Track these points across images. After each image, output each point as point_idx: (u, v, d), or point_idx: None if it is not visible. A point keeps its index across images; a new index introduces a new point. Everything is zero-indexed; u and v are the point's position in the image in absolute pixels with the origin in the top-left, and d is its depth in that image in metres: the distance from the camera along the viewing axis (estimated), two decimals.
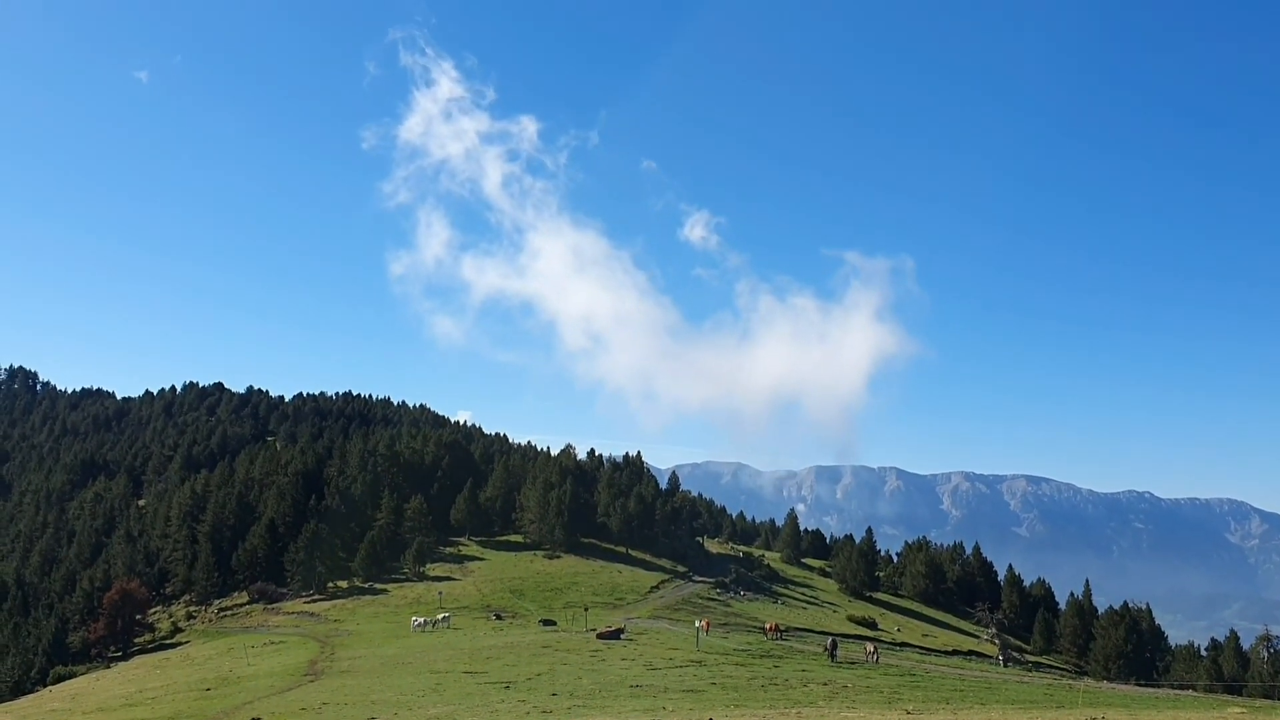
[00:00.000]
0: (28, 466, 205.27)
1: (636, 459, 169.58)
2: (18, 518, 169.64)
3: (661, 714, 35.28)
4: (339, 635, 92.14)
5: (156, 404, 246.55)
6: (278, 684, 59.17)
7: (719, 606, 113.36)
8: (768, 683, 50.81)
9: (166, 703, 56.25)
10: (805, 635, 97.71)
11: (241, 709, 47.51)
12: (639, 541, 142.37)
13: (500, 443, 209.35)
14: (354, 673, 62.37)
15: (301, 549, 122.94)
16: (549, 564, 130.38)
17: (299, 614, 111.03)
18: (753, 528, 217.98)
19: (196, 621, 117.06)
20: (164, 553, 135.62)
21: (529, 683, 50.86)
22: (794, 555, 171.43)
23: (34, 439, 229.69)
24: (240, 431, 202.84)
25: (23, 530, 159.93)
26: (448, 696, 46.65)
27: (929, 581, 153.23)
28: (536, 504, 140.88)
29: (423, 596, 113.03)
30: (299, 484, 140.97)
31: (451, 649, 71.08)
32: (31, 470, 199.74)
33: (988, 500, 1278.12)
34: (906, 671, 66.66)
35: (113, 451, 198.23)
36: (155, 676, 77.53)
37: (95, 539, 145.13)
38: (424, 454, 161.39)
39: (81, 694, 75.12)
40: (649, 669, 56.84)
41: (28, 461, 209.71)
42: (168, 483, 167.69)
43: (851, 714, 32.04)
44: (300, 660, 73.13)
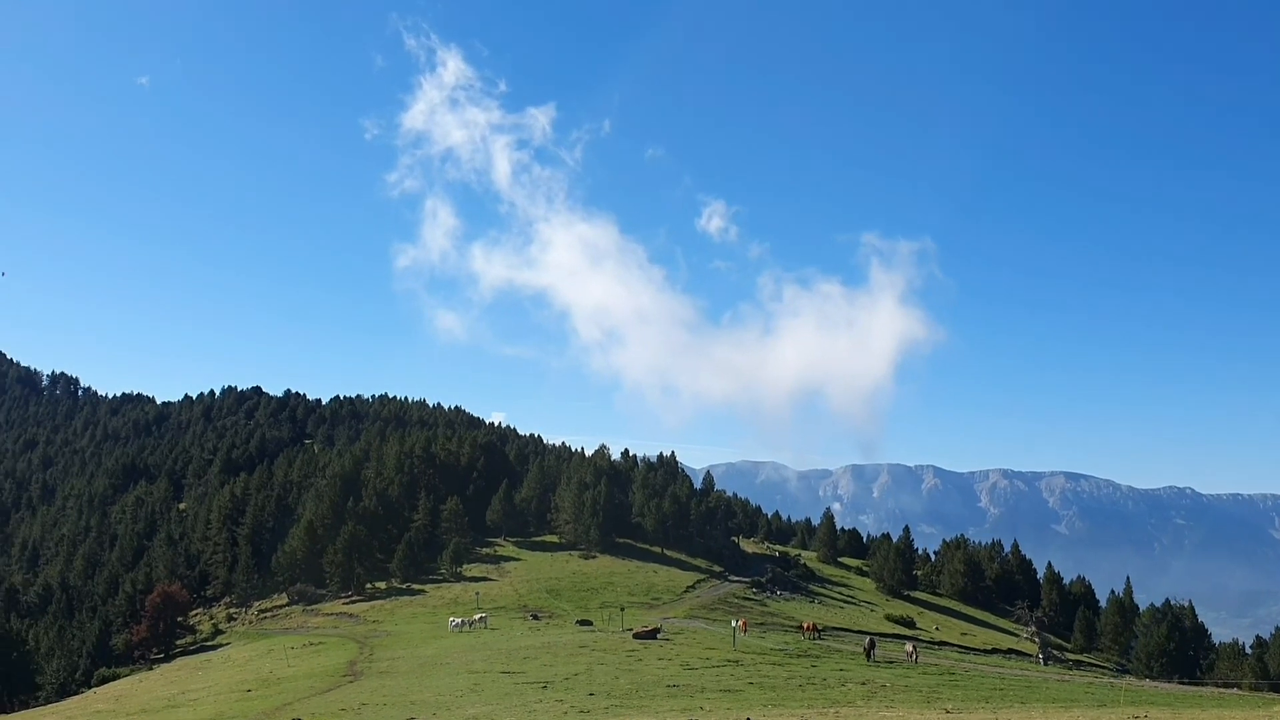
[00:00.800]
0: (70, 471, 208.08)
1: (670, 459, 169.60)
2: (61, 522, 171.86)
3: (699, 714, 35.26)
4: (377, 636, 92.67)
5: (196, 408, 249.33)
6: (318, 685, 59.61)
7: (755, 606, 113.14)
8: (805, 682, 50.64)
9: (208, 704, 56.81)
10: (842, 634, 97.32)
11: (282, 710, 47.90)
12: (674, 541, 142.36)
13: (534, 444, 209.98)
14: (393, 673, 62.71)
15: (340, 550, 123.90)
16: (585, 564, 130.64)
17: (338, 615, 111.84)
18: (788, 527, 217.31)
19: (237, 623, 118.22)
20: (204, 555, 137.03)
21: (566, 682, 50.96)
22: (830, 554, 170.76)
23: (76, 444, 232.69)
24: (278, 434, 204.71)
25: (66, 534, 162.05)
26: (486, 696, 46.84)
27: (967, 580, 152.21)
28: (571, 504, 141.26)
29: (460, 597, 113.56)
30: (337, 486, 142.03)
31: (489, 649, 71.33)
32: (74, 475, 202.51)
33: (1026, 498, 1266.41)
34: (945, 670, 66.19)
35: (153, 456, 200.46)
36: (197, 678, 78.31)
37: (137, 542, 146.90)
38: (459, 455, 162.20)
39: (125, 695, 76.02)
40: (686, 669, 56.80)
41: (70, 466, 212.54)
42: (208, 486, 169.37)
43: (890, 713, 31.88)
44: (339, 661, 73.63)
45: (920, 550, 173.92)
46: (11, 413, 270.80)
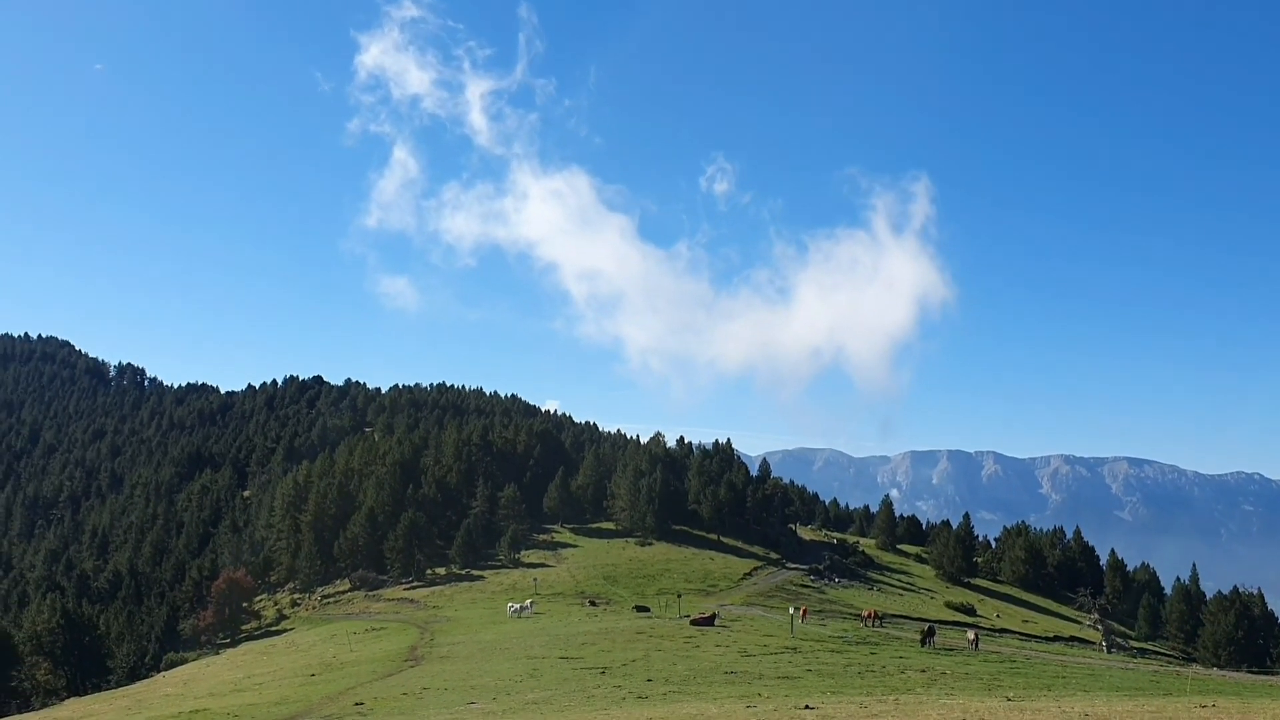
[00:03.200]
0: (138, 460, 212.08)
1: (726, 446, 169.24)
2: (129, 510, 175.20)
3: (756, 700, 35.21)
4: (438, 621, 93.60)
5: (259, 397, 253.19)
6: (379, 669, 60.38)
7: (813, 593, 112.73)
8: (864, 670, 50.37)
9: (273, 688, 57.75)
10: (902, 622, 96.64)
11: (345, 694, 48.57)
12: (730, 529, 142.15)
13: (590, 431, 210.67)
14: (453, 658, 63.33)
15: (400, 537, 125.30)
16: (641, 551, 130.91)
17: (399, 600, 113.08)
18: (846, 514, 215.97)
19: (300, 609, 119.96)
20: (268, 542, 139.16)
21: (624, 668, 51.13)
22: (889, 541, 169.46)
23: (143, 433, 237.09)
24: (339, 423, 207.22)
25: (134, 522, 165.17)
26: (545, 681, 47.15)
27: (1028, 567, 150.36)
28: (627, 492, 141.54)
29: (518, 583, 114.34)
30: (397, 474, 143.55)
31: (547, 635, 71.78)
32: (141, 464, 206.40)
33: (1088, 483, 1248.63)
34: (1006, 658, 65.51)
35: (218, 444, 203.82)
36: (262, 663, 79.63)
37: (203, 530, 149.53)
38: (516, 443, 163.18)
39: (193, 679, 77.51)
40: (743, 655, 56.75)
41: (137, 455, 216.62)
42: (271, 474, 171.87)
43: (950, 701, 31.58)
44: (401, 646, 74.50)
45: (980, 537, 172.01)
46: (80, 403, 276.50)
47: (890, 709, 28.30)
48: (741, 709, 30.83)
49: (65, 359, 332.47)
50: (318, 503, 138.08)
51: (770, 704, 32.79)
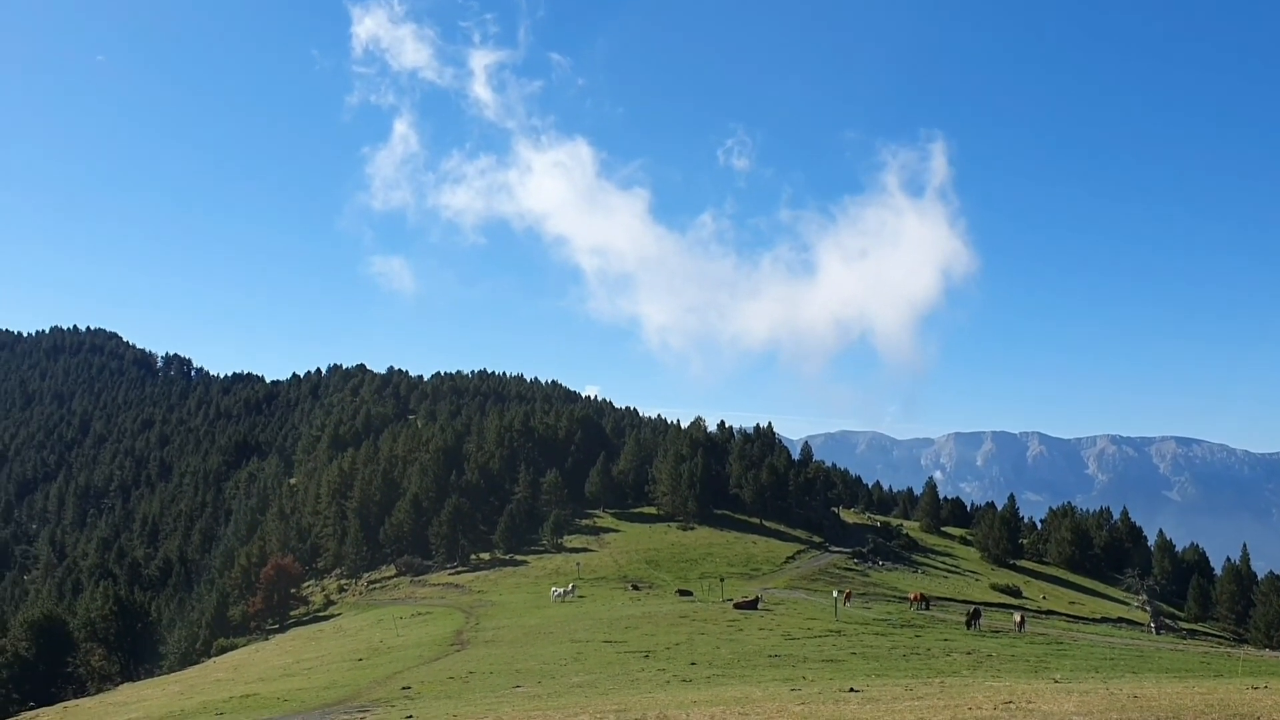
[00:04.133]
0: (186, 449, 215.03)
1: (767, 430, 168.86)
2: (179, 498, 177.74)
3: (801, 683, 35.16)
4: (482, 606, 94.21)
5: (304, 386, 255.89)
6: (426, 654, 60.87)
7: (857, 576, 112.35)
8: (909, 652, 50.13)
9: (322, 673, 58.39)
10: (947, 604, 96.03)
11: (392, 678, 49.02)
12: (773, 512, 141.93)
13: (630, 416, 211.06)
14: (498, 642, 63.73)
15: (444, 523, 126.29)
16: (683, 535, 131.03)
17: (444, 585, 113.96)
18: (889, 497, 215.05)
19: (347, 594, 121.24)
20: (315, 529, 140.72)
21: (668, 652, 51.23)
22: (933, 524, 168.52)
23: (190, 423, 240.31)
24: (383, 411, 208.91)
25: (184, 510, 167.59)
26: (589, 665, 47.33)
27: (1075, 548, 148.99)
28: (668, 476, 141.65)
29: (561, 568, 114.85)
30: (440, 460, 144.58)
31: (591, 619, 72.05)
32: (189, 452, 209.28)
33: (1135, 464, 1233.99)
34: (1053, 640, 64.93)
35: (264, 433, 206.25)
36: (310, 648, 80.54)
37: (251, 517, 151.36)
38: (557, 428, 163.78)
39: (243, 665, 78.56)
40: (787, 639, 56.67)
41: (185, 444, 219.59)
42: (317, 461, 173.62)
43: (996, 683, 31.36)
44: (446, 630, 75.04)
45: (1026, 519, 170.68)
46: (129, 393, 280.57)
47: (936, 691, 28.15)
48: (786, 692, 30.79)
49: (114, 350, 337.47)
50: (363, 489, 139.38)
51: (815, 687, 32.73)
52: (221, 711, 42.84)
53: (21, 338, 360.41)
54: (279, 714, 38.63)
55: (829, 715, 22.42)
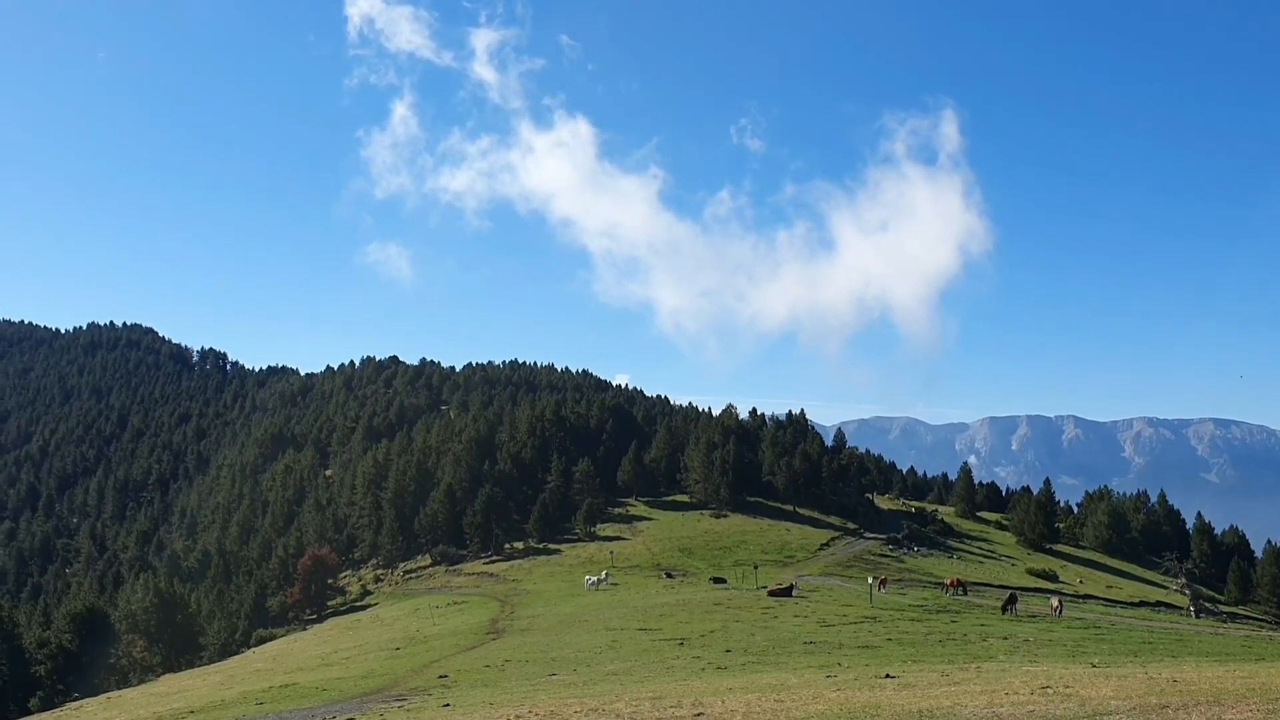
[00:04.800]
0: (222, 442, 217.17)
1: (800, 417, 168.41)
2: (216, 490, 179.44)
3: (837, 670, 35.08)
4: (517, 594, 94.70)
5: (338, 378, 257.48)
6: (462, 642, 61.21)
7: (892, 563, 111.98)
8: (945, 638, 49.91)
9: (359, 662, 58.87)
10: (983, 589, 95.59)
11: (429, 667, 49.34)
12: (806, 499, 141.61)
13: (661, 404, 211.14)
14: (533, 630, 64.02)
15: (478, 512, 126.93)
16: (716, 523, 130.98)
17: (478, 574, 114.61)
18: (924, 482, 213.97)
19: (384, 584, 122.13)
20: (351, 520, 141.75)
21: (702, 639, 51.26)
22: (968, 509, 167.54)
23: (227, 416, 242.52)
24: (416, 402, 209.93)
25: (221, 502, 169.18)
26: (624, 653, 47.44)
27: (1111, 532, 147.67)
28: (701, 464, 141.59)
29: (595, 556, 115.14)
30: (473, 450, 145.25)
31: (625, 607, 72.21)
32: (226, 446, 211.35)
33: (1173, 446, 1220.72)
34: (1090, 624, 64.43)
35: (299, 425, 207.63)
36: (348, 637, 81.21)
37: (287, 508, 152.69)
38: (589, 418, 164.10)
39: (282, 655, 79.35)
40: (822, 625, 56.56)
41: (222, 438, 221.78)
42: (352, 453, 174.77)
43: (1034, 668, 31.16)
44: (482, 619, 75.44)
45: (1061, 503, 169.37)
46: (166, 388, 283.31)
47: (972, 676, 28.02)
48: (821, 678, 30.74)
49: (150, 345, 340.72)
50: (397, 480, 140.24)
51: (850, 673, 32.67)
52: (261, 701, 43.25)
53: (60, 334, 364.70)
54: (318, 703, 38.96)
55: (865, 701, 22.36)
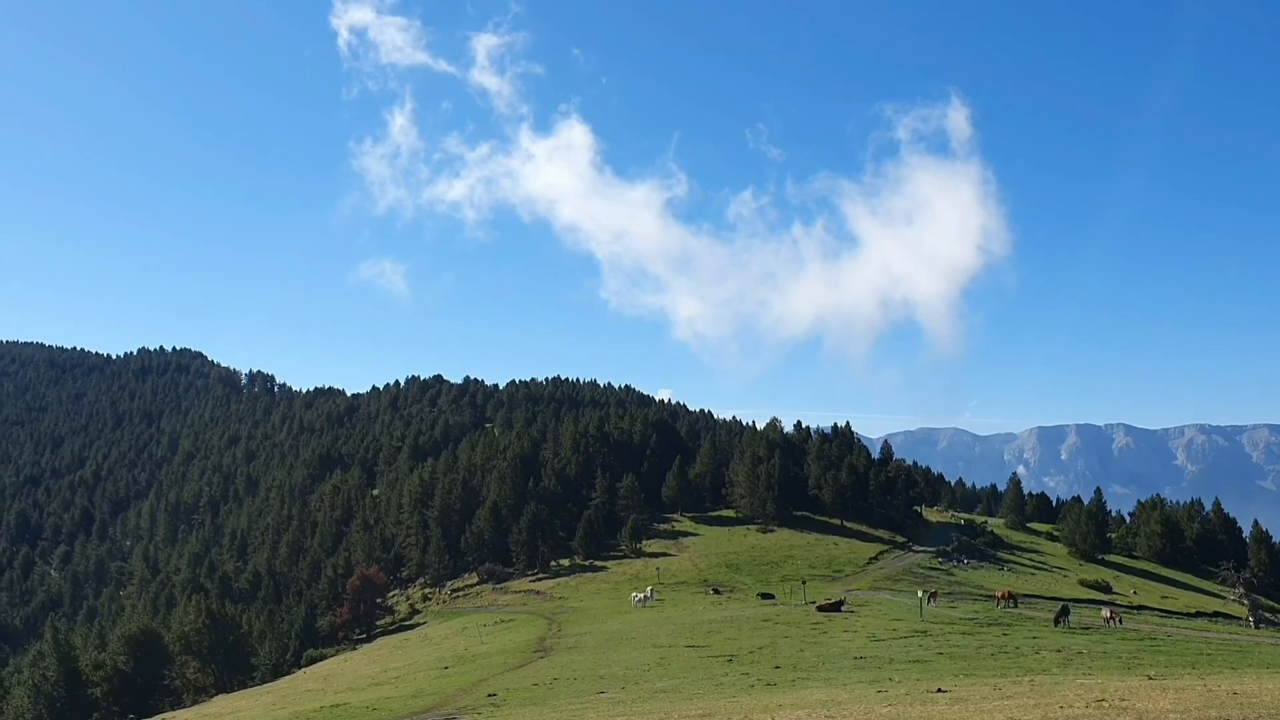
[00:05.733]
0: (271, 463, 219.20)
1: (845, 429, 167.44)
2: (265, 511, 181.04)
3: (887, 685, 34.77)
4: (564, 612, 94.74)
5: (383, 398, 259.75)
6: (510, 660, 61.35)
7: (942, 575, 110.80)
8: (997, 651, 49.30)
9: (409, 681, 59.17)
10: (1034, 601, 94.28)
11: (478, 685, 49.50)
12: (853, 513, 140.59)
13: (705, 419, 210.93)
14: (580, 648, 64.03)
15: (524, 530, 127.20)
16: (763, 538, 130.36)
17: (525, 592, 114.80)
18: (973, 494, 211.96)
19: (432, 603, 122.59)
20: (398, 539, 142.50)
21: (751, 656, 51.01)
22: (1018, 520, 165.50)
23: (275, 437, 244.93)
24: (460, 420, 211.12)
25: (271, 523, 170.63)
26: (672, 670, 47.32)
27: (1165, 541, 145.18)
28: (746, 478, 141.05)
29: (641, 573, 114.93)
30: (517, 467, 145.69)
31: (672, 624, 72.04)
32: (275, 467, 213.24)
33: (1227, 453, 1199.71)
34: (1146, 635, 63.36)
35: (346, 445, 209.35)
36: (397, 656, 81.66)
37: (335, 529, 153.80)
38: (632, 433, 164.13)
39: (332, 674, 79.92)
40: (872, 640, 56.07)
41: (271, 459, 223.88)
42: (398, 472, 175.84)
43: (1089, 681, 30.70)
44: (529, 637, 75.59)
45: (1113, 512, 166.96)
46: (215, 411, 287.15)
47: (1025, 690, 27.65)
48: (872, 694, 30.48)
49: (199, 369, 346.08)
50: (443, 498, 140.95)
51: (902, 688, 32.37)
52: None
53: (111, 360, 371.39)
54: None
55: (917, 716, 22.14)
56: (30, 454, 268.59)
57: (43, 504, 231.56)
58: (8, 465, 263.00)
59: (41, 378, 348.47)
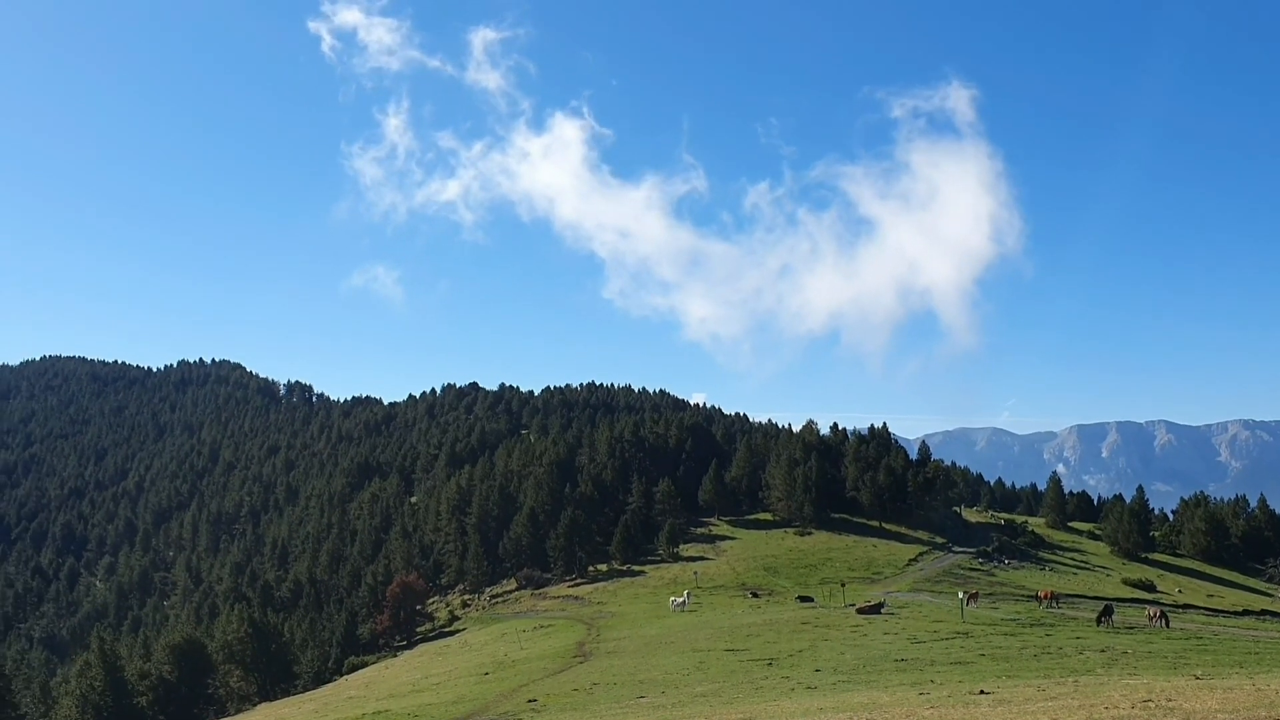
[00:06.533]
0: (310, 473, 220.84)
1: (882, 431, 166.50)
2: (305, 520, 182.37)
3: (929, 687, 34.50)
4: (602, 617, 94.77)
5: (419, 406, 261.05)
6: (550, 666, 61.45)
7: (982, 576, 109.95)
8: (1040, 652, 48.82)
9: (450, 687, 59.36)
10: (1077, 602, 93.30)
11: (519, 691, 49.61)
12: (892, 514, 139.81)
13: (740, 422, 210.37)
14: (620, 653, 64.03)
15: (561, 535, 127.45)
16: (801, 541, 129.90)
17: (564, 598, 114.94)
18: (1012, 493, 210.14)
19: (471, 609, 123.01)
20: (437, 545, 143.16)
21: (791, 659, 50.81)
22: (1059, 519, 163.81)
23: (314, 447, 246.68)
24: (496, 427, 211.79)
25: (310, 532, 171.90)
26: (712, 674, 47.22)
27: (1210, 539, 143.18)
28: (783, 481, 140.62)
29: (679, 577, 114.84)
30: (554, 473, 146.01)
31: (711, 628, 71.89)
32: (314, 476, 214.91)
33: (1271, 449, 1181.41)
34: (1192, 635, 62.55)
35: (384, 453, 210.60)
36: (438, 663, 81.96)
37: (375, 536, 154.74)
38: (668, 437, 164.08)
39: (374, 682, 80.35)
40: (913, 642, 55.69)
41: (310, 468, 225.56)
42: (435, 479, 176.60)
43: (1134, 681, 30.30)
44: (569, 642, 75.66)
45: (1156, 510, 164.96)
46: (254, 421, 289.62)
47: (1070, 691, 27.35)
48: (914, 696, 30.27)
49: (238, 380, 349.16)
50: (481, 505, 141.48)
51: (943, 690, 32.12)
52: None
53: (152, 373, 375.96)
54: None
55: (959, 718, 21.97)
56: (74, 467, 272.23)
57: (87, 516, 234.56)
58: (53, 478, 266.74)
59: (84, 391, 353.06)
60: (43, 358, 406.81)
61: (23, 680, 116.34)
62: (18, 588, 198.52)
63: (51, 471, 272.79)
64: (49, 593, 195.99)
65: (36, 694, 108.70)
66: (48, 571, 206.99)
